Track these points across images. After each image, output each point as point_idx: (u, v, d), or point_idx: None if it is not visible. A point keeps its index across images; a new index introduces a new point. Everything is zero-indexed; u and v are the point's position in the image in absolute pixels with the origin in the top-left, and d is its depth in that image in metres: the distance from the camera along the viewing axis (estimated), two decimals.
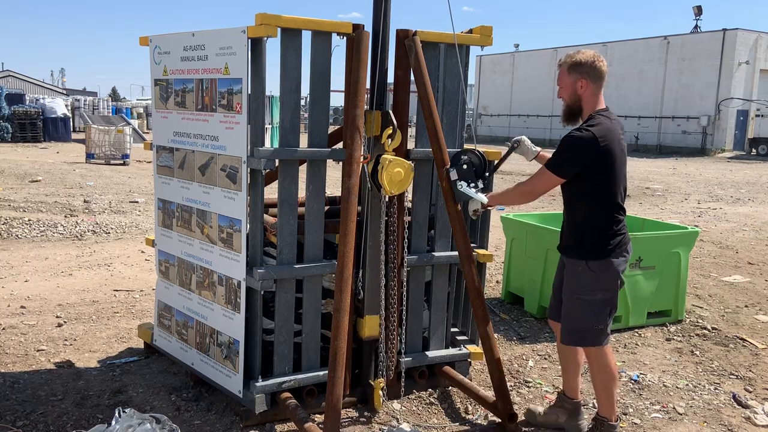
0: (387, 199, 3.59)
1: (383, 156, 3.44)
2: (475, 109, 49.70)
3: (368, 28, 3.45)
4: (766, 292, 6.61)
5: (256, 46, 3.28)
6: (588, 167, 3.16)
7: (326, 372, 3.28)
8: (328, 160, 3.55)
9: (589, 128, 3.16)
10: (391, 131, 3.52)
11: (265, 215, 3.66)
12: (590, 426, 3.51)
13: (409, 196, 3.81)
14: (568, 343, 3.44)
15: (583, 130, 3.16)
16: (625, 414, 3.88)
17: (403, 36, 3.56)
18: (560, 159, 3.21)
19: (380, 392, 3.67)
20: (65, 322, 5.12)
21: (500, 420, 3.56)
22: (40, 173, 14.63)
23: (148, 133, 30.73)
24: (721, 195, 15.74)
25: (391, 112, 3.56)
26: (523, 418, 3.71)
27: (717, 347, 5.04)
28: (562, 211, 3.55)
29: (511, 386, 4.17)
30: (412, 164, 3.55)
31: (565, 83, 3.30)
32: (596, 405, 3.52)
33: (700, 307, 5.98)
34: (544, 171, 3.24)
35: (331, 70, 3.47)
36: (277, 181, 3.49)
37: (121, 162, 18.84)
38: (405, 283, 3.79)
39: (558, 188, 3.37)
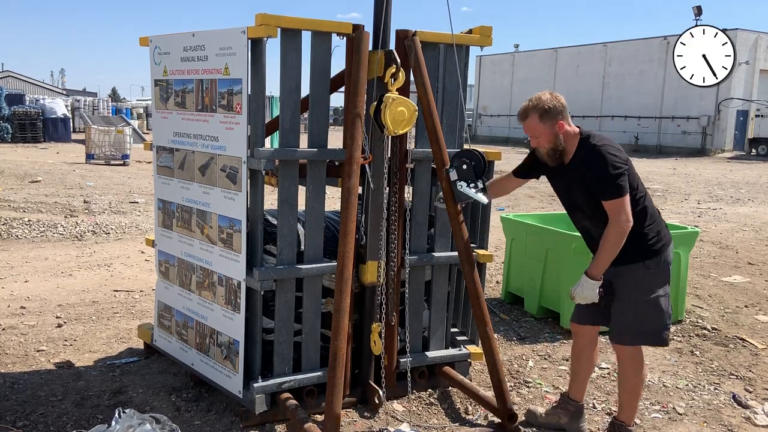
0: (390, 143, 3.52)
1: (386, 95, 3.38)
2: (475, 109, 49.69)
3: (368, 28, 3.46)
4: (766, 292, 6.61)
5: (256, 47, 3.28)
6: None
7: (326, 372, 3.28)
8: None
9: (604, 141, 3.23)
10: (394, 70, 3.45)
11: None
12: (606, 430, 3.51)
13: (408, 196, 3.81)
14: (636, 344, 3.36)
15: (602, 146, 3.19)
16: None
17: (403, 36, 3.56)
18: (617, 179, 3.11)
19: (377, 336, 3.62)
20: (65, 322, 5.12)
21: (500, 420, 3.56)
22: (40, 174, 14.63)
23: (148, 133, 30.71)
24: (721, 195, 15.74)
25: (394, 51, 3.49)
26: (523, 418, 3.71)
27: (717, 347, 5.04)
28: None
29: (511, 386, 4.17)
30: (416, 108, 3.49)
31: (540, 131, 3.24)
32: (615, 408, 3.51)
33: (700, 308, 5.98)
34: (615, 201, 3.10)
35: (331, 71, 3.48)
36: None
37: (121, 162, 18.85)
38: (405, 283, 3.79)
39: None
